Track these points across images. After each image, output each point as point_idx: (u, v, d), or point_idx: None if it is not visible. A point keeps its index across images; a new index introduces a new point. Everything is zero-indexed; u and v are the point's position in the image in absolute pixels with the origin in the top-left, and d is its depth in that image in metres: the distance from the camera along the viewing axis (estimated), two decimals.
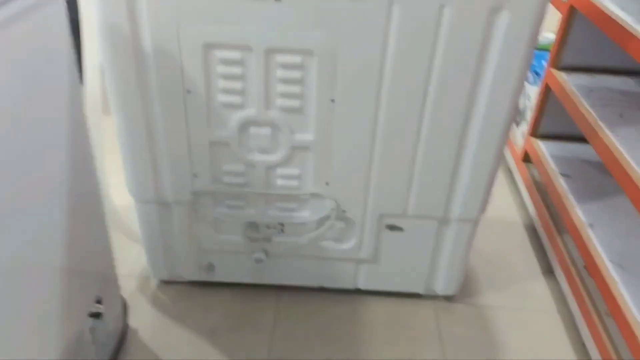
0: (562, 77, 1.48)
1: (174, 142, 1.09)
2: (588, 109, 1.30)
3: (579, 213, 1.31)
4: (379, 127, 1.06)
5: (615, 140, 1.17)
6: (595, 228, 1.26)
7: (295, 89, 1.02)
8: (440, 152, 1.09)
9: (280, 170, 1.14)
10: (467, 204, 1.17)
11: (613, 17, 1.18)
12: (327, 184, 1.15)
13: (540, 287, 1.44)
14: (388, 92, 1.02)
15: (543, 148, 1.61)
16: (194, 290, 1.35)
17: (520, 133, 1.77)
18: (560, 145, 1.61)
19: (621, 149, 1.15)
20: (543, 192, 1.57)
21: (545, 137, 1.65)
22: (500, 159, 1.12)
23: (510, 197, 1.79)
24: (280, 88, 1.02)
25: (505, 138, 1.08)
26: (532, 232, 1.63)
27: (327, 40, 0.96)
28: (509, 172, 1.89)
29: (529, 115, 1.69)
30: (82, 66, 1.04)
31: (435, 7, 0.92)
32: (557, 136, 1.64)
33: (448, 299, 1.37)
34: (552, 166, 1.51)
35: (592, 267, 1.19)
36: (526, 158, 1.71)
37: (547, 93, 1.58)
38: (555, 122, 1.63)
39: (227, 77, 1.01)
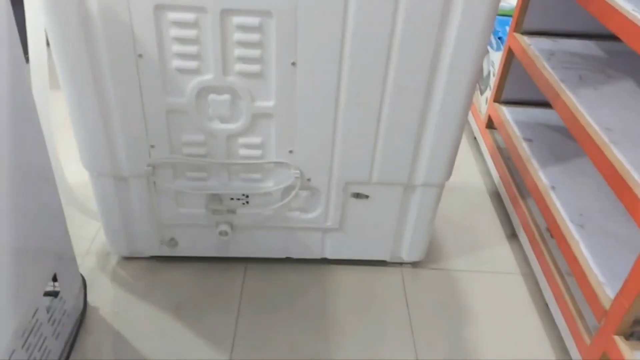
0: (525, 41, 1.48)
1: (127, 111, 1.04)
2: (550, 72, 1.30)
3: (541, 176, 1.32)
4: (341, 91, 1.04)
5: (576, 101, 1.18)
6: (557, 190, 1.28)
7: (254, 52, 0.98)
8: (403, 117, 1.08)
9: (242, 140, 1.10)
10: (431, 169, 1.16)
11: None
12: (290, 152, 1.12)
13: (504, 250, 1.46)
14: (350, 54, 0.99)
15: (507, 113, 1.61)
16: (156, 266, 1.31)
17: (484, 100, 1.77)
18: (523, 111, 1.62)
19: (582, 109, 1.15)
20: (506, 157, 1.58)
21: (509, 102, 1.66)
22: (464, 123, 1.11)
23: (475, 164, 1.80)
24: (238, 52, 0.98)
25: (468, 102, 1.07)
26: (497, 197, 1.64)
27: (285, 0, 0.92)
28: (474, 139, 1.90)
29: (493, 81, 1.69)
30: (25, 40, 0.97)
31: None
32: (521, 102, 1.65)
33: (414, 265, 1.38)
34: (515, 131, 1.52)
35: (554, 229, 1.21)
36: (490, 124, 1.72)
37: (509, 58, 1.58)
38: (519, 88, 1.63)
39: (181, 40, 0.96)
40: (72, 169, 1.28)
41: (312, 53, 0.98)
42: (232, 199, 1.20)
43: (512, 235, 1.51)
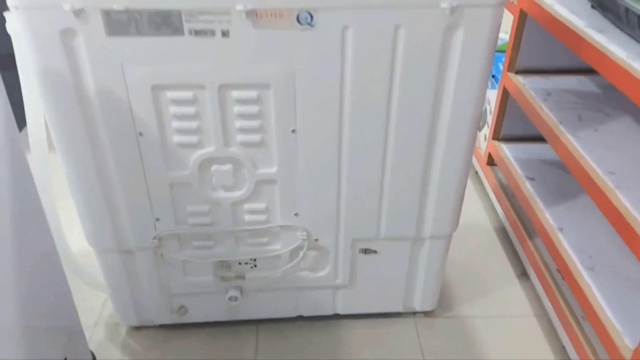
0: (519, 80, 1.49)
1: (130, 187, 1.04)
2: (548, 114, 1.30)
3: (547, 217, 1.32)
4: (343, 152, 1.04)
5: (577, 144, 1.18)
6: (565, 232, 1.27)
7: (254, 123, 0.99)
8: (407, 171, 1.07)
9: (247, 206, 1.10)
10: (438, 221, 1.15)
11: (564, 22, 1.19)
12: (296, 214, 1.12)
13: (515, 291, 1.44)
14: (350, 116, 0.99)
15: (506, 151, 1.61)
16: (167, 334, 1.29)
17: (483, 136, 1.78)
18: (523, 147, 1.62)
19: (583, 153, 1.15)
20: (510, 195, 1.58)
21: (508, 139, 1.66)
22: (467, 173, 1.11)
23: (478, 200, 1.80)
24: (239, 123, 0.99)
25: (471, 152, 1.07)
26: (503, 235, 1.63)
27: (282, 72, 0.93)
28: (476, 174, 1.90)
29: (490, 118, 1.69)
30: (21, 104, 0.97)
31: (390, 29, 0.90)
32: (519, 138, 1.66)
33: (427, 314, 1.36)
34: (517, 170, 1.52)
35: (565, 271, 1.20)
36: (491, 161, 1.72)
37: (505, 96, 1.59)
38: (516, 124, 1.64)
39: (181, 117, 0.97)
40: (76, 233, 1.27)
41: (312, 120, 0.99)
42: (240, 263, 1.19)
43: (523, 275, 1.49)
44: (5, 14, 0.91)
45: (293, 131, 1.00)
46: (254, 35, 0.88)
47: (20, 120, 0.87)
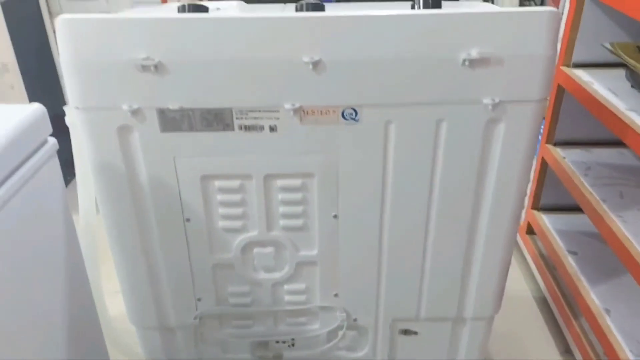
0: (558, 153, 1.48)
1: (174, 268, 1.06)
2: (590, 191, 1.29)
3: (593, 297, 1.28)
4: (384, 236, 1.04)
5: (622, 226, 1.15)
6: (612, 314, 1.23)
7: (297, 209, 1.01)
8: (448, 254, 1.07)
9: (287, 286, 1.10)
10: (480, 302, 1.13)
11: (604, 102, 1.19)
12: (335, 295, 1.12)
13: None
14: (391, 203, 1.00)
15: (546, 221, 1.59)
16: None
17: None
18: (562, 218, 1.60)
19: (628, 234, 1.13)
20: (551, 266, 1.54)
21: (547, 209, 1.64)
22: (510, 255, 1.10)
23: (518, 269, 1.76)
24: (282, 209, 1.01)
25: (514, 234, 1.06)
26: (545, 306, 1.59)
27: (325, 162, 0.95)
28: (515, 243, 1.86)
29: (529, 187, 1.68)
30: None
31: (432, 123, 0.92)
32: (559, 207, 1.63)
33: None
34: (558, 242, 1.49)
35: (612, 357, 1.15)
36: (530, 230, 1.69)
37: (544, 167, 1.58)
38: (555, 194, 1.62)
39: (227, 204, 1.00)
40: (112, 300, 1.28)
41: (353, 206, 1.00)
42: (278, 342, 1.18)
43: (566, 352, 1.44)
44: (65, 108, 0.97)
45: (335, 216, 1.01)
46: (300, 129, 0.91)
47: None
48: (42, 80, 2.14)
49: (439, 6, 0.83)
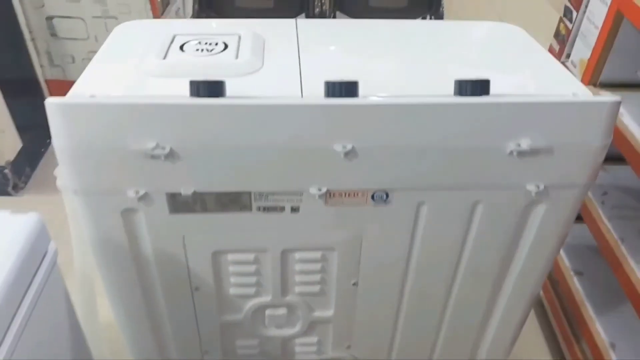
0: None
1: (181, 329, 1.00)
2: (607, 227, 1.25)
3: (598, 329, 1.28)
4: (403, 303, 1.00)
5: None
6: (617, 349, 1.24)
7: (314, 277, 0.94)
8: (464, 323, 1.05)
9: (298, 340, 1.06)
10: (495, 348, 1.12)
11: (623, 130, 1.13)
12: (348, 347, 1.08)
13: None
14: (414, 275, 0.94)
15: None
16: None
17: None
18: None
19: None
20: (554, 281, 1.54)
21: None
22: (530, 309, 1.07)
23: None
24: (299, 278, 0.94)
25: (537, 294, 1.03)
26: (547, 325, 1.58)
27: (349, 238, 0.88)
28: None
29: None
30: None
31: (467, 205, 0.85)
32: None
33: None
34: (563, 259, 1.47)
35: None
36: None
37: None
38: None
39: (240, 274, 0.92)
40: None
41: (374, 275, 0.94)
42: None
43: None
44: (56, 172, 0.85)
45: (354, 284, 0.96)
46: (325, 210, 0.83)
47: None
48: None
49: (486, 92, 0.73)
